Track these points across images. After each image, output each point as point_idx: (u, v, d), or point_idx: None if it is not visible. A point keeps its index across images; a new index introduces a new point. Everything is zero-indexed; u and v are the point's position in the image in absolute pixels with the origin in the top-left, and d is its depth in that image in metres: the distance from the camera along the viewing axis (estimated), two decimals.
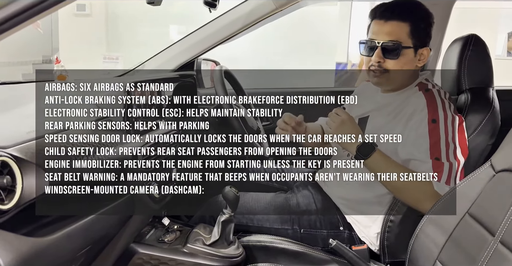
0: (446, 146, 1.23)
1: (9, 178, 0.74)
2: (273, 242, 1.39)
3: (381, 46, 1.31)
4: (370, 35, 1.35)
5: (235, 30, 1.84)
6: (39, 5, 0.69)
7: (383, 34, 1.32)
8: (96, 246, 1.10)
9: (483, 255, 0.89)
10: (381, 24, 1.33)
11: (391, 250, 1.34)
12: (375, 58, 1.32)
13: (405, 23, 1.32)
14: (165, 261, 1.29)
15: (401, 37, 1.32)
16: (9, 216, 0.75)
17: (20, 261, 0.76)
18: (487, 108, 1.31)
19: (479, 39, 1.37)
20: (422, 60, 1.38)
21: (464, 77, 1.37)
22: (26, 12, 0.68)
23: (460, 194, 1.06)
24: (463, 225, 1.00)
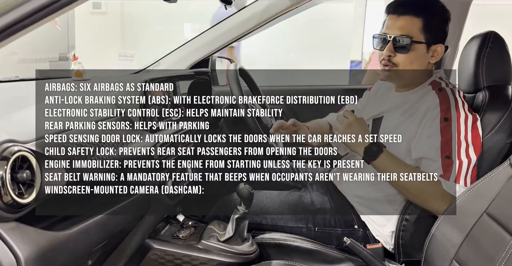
0: (458, 144, 1.22)
1: (28, 173, 0.75)
2: (286, 240, 1.39)
3: (392, 40, 1.31)
4: (384, 29, 1.36)
5: (250, 28, 1.84)
6: (57, 2, 0.70)
7: (395, 28, 1.32)
8: (112, 241, 1.12)
9: (502, 255, 0.88)
10: (394, 19, 1.33)
11: (406, 249, 1.32)
12: (386, 52, 1.33)
13: (418, 18, 1.31)
14: (180, 257, 1.30)
15: (413, 32, 1.31)
16: (29, 209, 0.76)
17: (39, 255, 0.77)
18: (505, 106, 1.28)
19: (498, 37, 1.34)
20: (435, 57, 1.36)
21: (482, 75, 1.34)
22: (45, 9, 0.69)
23: (477, 193, 1.05)
24: (480, 225, 0.99)
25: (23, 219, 0.77)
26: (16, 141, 0.76)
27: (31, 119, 0.90)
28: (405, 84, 1.40)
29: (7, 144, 0.73)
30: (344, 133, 1.32)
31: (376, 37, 1.37)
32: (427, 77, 1.39)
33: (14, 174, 0.73)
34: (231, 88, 1.48)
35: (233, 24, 1.86)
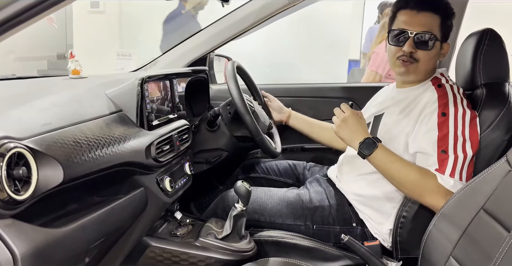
0: (454, 139, 1.23)
1: (25, 169, 0.75)
2: (284, 237, 1.39)
3: (414, 36, 1.31)
4: (400, 25, 1.34)
5: (248, 26, 1.84)
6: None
7: (416, 24, 1.31)
8: (110, 238, 1.12)
9: (498, 251, 0.88)
10: (413, 15, 1.32)
11: (404, 246, 1.33)
12: (407, 48, 1.32)
13: (437, 16, 1.32)
14: (177, 254, 1.30)
15: (434, 28, 1.32)
16: (25, 206, 0.76)
17: (35, 251, 0.77)
18: (502, 103, 1.28)
19: (495, 34, 1.35)
20: (443, 54, 1.38)
21: (480, 72, 1.35)
22: (40, 5, 0.69)
23: (474, 189, 1.05)
24: (477, 221, 0.99)
25: (20, 215, 0.77)
26: (12, 138, 0.76)
27: (27, 116, 0.90)
28: (415, 81, 1.40)
29: (3, 141, 0.73)
30: (340, 127, 1.32)
31: (392, 33, 1.36)
32: (432, 73, 1.40)
33: (10, 171, 0.73)
34: (228, 86, 1.48)
35: (231, 22, 1.86)
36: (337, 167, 1.59)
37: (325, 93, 2.13)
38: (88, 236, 0.95)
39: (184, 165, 1.45)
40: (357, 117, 1.32)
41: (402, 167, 1.24)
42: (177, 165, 1.40)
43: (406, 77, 1.40)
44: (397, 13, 1.37)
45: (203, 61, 1.99)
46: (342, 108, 1.34)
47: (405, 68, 1.35)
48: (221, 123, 1.64)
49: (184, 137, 1.42)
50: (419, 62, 1.33)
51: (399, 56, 1.34)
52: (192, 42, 1.94)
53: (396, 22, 1.36)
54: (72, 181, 0.87)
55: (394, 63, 1.37)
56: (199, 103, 1.88)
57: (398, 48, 1.35)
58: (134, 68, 2.00)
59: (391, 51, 1.38)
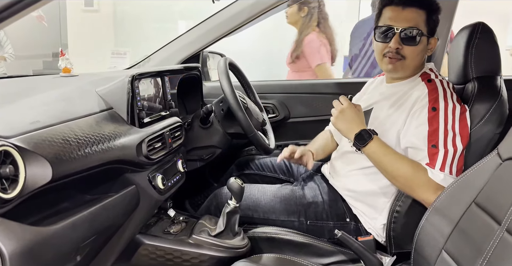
0: (444, 133, 1.23)
1: (12, 168, 0.75)
2: (278, 233, 1.39)
3: (400, 32, 1.31)
4: (386, 21, 1.34)
5: (240, 22, 1.84)
6: None
7: (401, 20, 1.31)
8: (102, 236, 1.11)
9: (489, 244, 0.88)
10: (398, 11, 1.32)
11: (397, 241, 1.33)
12: (394, 44, 1.32)
13: (422, 11, 1.32)
14: (171, 252, 1.30)
15: (419, 24, 1.32)
16: (13, 205, 0.75)
17: (24, 250, 0.77)
18: (494, 97, 1.28)
19: (487, 27, 1.34)
20: (430, 49, 1.38)
21: (471, 66, 1.34)
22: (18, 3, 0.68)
23: (466, 183, 1.05)
24: (469, 214, 0.99)
25: (8, 214, 0.76)
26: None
27: (15, 115, 0.89)
28: (403, 77, 1.40)
29: None
30: (337, 118, 1.34)
31: (378, 29, 1.36)
32: (420, 69, 1.40)
33: None
34: (220, 82, 1.48)
35: (223, 19, 1.85)
36: (330, 163, 1.59)
37: (320, 89, 2.12)
38: (78, 234, 0.95)
39: (177, 162, 1.45)
40: (355, 110, 1.33)
41: (395, 160, 1.25)
42: (170, 162, 1.40)
43: (394, 74, 1.40)
44: (382, 10, 1.37)
45: (196, 58, 1.99)
46: (341, 101, 1.36)
47: (392, 65, 1.35)
48: (214, 120, 1.63)
49: (176, 134, 1.42)
50: (406, 59, 1.34)
51: (386, 53, 1.34)
52: (185, 39, 1.94)
53: (382, 18, 1.36)
54: (61, 179, 0.86)
55: (382, 60, 1.37)
56: (192, 100, 1.87)
57: (384, 44, 1.35)
58: (128, 66, 2.00)
59: (377, 48, 1.37)
